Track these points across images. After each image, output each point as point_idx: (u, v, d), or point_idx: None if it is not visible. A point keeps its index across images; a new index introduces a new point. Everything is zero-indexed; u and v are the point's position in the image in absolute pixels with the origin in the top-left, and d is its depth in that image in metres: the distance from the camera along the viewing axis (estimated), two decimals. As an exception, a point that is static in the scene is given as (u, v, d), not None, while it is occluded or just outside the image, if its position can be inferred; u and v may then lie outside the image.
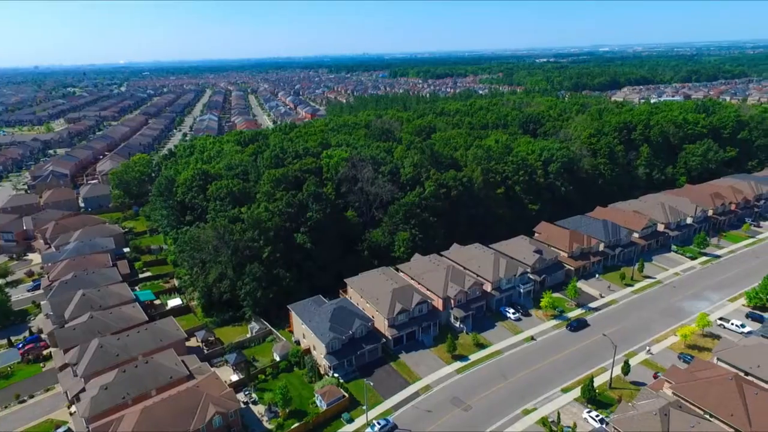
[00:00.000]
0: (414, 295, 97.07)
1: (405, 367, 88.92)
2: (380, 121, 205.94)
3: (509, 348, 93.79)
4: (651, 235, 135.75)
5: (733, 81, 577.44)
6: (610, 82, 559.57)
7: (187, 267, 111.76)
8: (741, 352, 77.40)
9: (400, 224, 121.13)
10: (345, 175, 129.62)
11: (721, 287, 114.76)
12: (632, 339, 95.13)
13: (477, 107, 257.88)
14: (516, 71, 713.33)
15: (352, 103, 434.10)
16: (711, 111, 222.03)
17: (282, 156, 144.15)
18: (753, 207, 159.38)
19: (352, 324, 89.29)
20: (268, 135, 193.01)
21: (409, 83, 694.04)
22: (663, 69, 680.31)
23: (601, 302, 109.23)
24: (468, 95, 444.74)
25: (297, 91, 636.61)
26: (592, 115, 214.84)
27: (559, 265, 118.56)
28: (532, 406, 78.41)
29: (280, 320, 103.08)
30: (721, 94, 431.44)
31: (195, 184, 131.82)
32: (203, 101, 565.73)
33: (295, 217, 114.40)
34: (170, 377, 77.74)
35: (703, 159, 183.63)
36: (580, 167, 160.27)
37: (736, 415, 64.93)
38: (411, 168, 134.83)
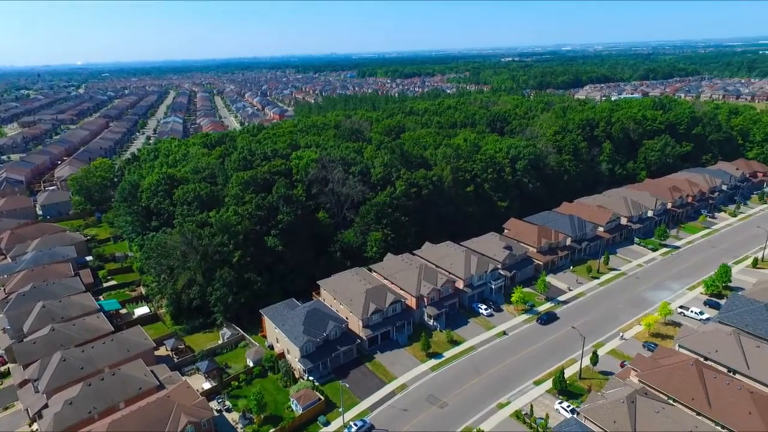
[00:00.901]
0: (387, 294, 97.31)
1: (380, 367, 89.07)
2: (349, 121, 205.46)
3: (482, 344, 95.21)
4: (615, 229, 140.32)
5: (687, 78, 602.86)
6: (572, 81, 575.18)
7: (154, 274, 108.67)
8: (700, 339, 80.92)
9: (372, 224, 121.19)
10: (315, 177, 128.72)
11: (680, 277, 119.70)
12: (600, 330, 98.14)
13: (445, 106, 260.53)
14: (482, 70, 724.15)
15: (320, 103, 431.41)
16: (667, 108, 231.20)
17: (250, 158, 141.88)
18: (708, 199, 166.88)
19: (326, 326, 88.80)
20: (235, 137, 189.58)
21: (378, 83, 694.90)
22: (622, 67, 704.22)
23: (570, 295, 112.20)
24: (436, 94, 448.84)
25: (264, 91, 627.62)
26: (556, 113, 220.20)
27: (529, 260, 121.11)
28: (506, 400, 79.87)
29: (252, 325, 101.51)
30: (677, 91, 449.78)
31: (160, 189, 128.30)
32: (167, 103, 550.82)
33: (266, 220, 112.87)
34: (139, 388, 75.45)
35: (661, 154, 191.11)
36: (546, 164, 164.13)
37: (697, 399, 67.89)
38: (381, 168, 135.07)
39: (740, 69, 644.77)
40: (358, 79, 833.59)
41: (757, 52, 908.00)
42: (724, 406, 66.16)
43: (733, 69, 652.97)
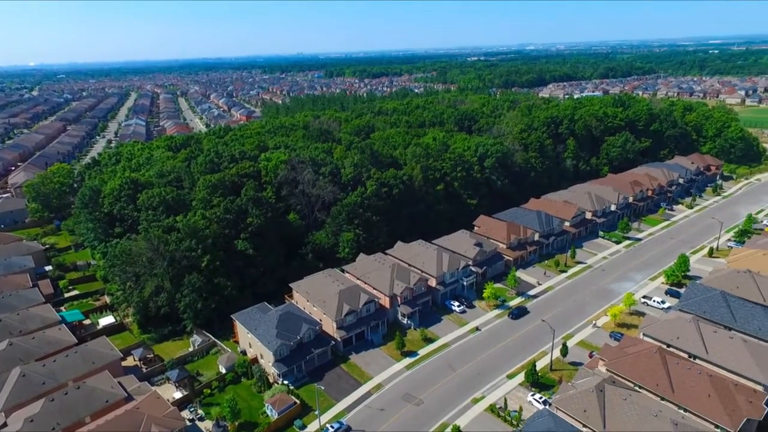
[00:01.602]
0: (361, 295, 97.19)
1: (356, 367, 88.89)
2: (318, 121, 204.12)
3: (456, 340, 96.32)
4: (580, 223, 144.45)
5: (644, 77, 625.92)
6: (537, 79, 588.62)
7: (119, 282, 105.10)
8: (663, 327, 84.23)
9: (344, 225, 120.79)
10: (285, 178, 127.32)
11: (643, 268, 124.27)
12: (569, 322, 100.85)
13: (414, 106, 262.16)
14: (449, 70, 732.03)
15: (288, 104, 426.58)
16: (627, 105, 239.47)
17: (217, 160, 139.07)
18: (667, 192, 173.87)
19: (299, 329, 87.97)
20: (201, 139, 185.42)
21: (346, 83, 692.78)
22: (583, 66, 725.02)
23: (539, 289, 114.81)
24: (404, 94, 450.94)
25: (230, 92, 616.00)
26: (522, 111, 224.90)
27: (499, 256, 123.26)
28: (481, 395, 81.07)
29: (224, 331, 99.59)
30: (635, 89, 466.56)
31: (123, 194, 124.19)
32: (128, 105, 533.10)
33: (235, 224, 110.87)
34: (106, 401, 72.82)
35: (622, 150, 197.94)
36: (513, 161, 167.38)
37: (661, 385, 70.68)
38: (352, 168, 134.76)
39: (692, 67, 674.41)
40: (325, 79, 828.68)
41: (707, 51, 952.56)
42: (685, 391, 69.12)
43: (686, 67, 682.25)
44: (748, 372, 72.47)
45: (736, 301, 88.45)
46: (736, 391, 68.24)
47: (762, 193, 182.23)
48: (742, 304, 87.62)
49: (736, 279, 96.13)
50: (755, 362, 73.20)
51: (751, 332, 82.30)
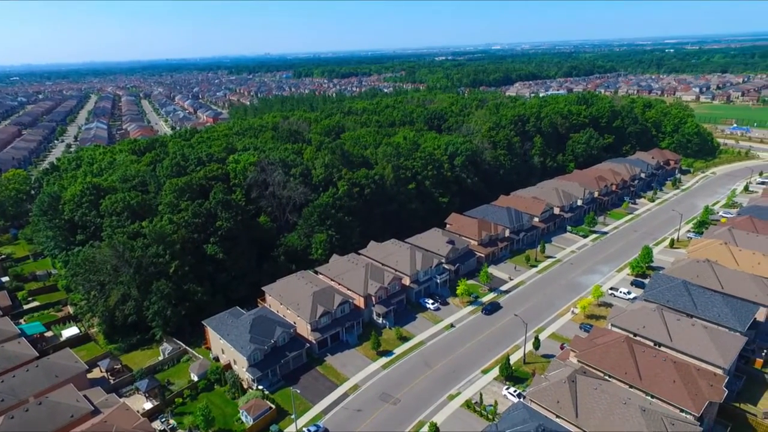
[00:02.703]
0: (335, 296, 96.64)
1: (332, 369, 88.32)
2: (287, 122, 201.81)
3: (431, 338, 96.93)
4: (549, 218, 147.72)
5: (605, 75, 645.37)
6: (503, 78, 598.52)
7: (82, 291, 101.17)
8: (629, 317, 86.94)
9: (316, 226, 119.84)
10: (254, 180, 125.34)
11: (609, 260, 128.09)
12: (540, 315, 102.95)
13: (383, 105, 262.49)
14: (418, 69, 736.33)
15: (256, 105, 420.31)
16: (590, 103, 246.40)
17: (184, 164, 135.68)
18: (629, 187, 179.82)
19: (273, 333, 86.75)
20: (166, 142, 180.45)
21: (315, 83, 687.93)
22: (548, 65, 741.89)
23: (511, 284, 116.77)
24: (374, 94, 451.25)
25: (196, 94, 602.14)
26: (490, 110, 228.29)
27: (471, 253, 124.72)
28: (456, 391, 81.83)
29: (195, 338, 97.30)
30: (597, 87, 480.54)
31: (85, 200, 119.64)
32: (88, 108, 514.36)
33: (204, 228, 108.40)
34: (71, 416, 69.91)
35: (586, 146, 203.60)
36: (483, 159, 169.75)
37: (629, 373, 72.92)
38: (322, 169, 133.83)
39: (650, 66, 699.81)
40: (294, 79, 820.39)
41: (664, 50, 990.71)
42: (652, 378, 71.54)
43: (644, 66, 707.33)
44: (709, 357, 75.62)
45: (697, 290, 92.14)
46: (698, 376, 71.06)
47: (717, 186, 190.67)
48: (702, 293, 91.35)
49: (696, 268, 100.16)
50: (715, 347, 76.44)
51: (711, 319, 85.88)
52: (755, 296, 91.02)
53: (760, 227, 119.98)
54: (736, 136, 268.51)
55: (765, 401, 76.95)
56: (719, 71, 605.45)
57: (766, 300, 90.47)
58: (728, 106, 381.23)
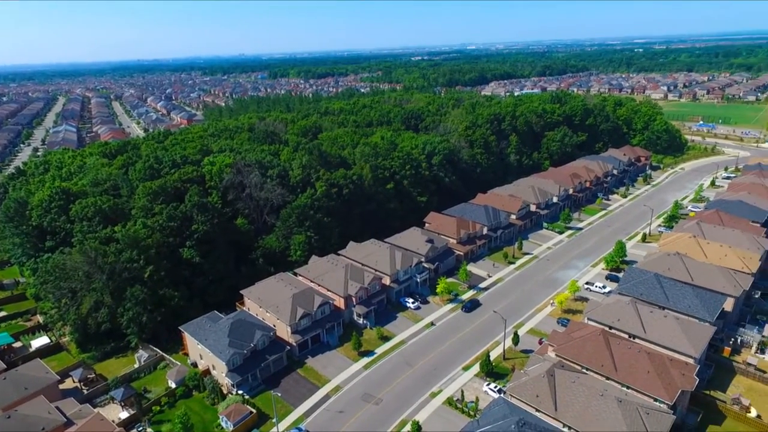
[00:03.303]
0: (315, 297, 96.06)
1: (313, 371, 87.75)
2: (264, 123, 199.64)
3: (412, 337, 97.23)
4: (526, 216, 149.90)
5: (578, 74, 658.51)
6: (479, 78, 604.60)
7: (53, 300, 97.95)
8: (605, 310, 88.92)
9: (294, 227, 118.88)
10: (231, 182, 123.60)
11: (585, 255, 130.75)
12: (519, 311, 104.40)
13: (360, 105, 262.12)
14: (394, 69, 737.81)
15: (231, 106, 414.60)
16: (563, 101, 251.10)
17: (157, 166, 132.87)
18: (603, 183, 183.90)
19: (252, 336, 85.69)
20: (139, 144, 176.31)
21: (291, 84, 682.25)
22: (522, 65, 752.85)
23: (490, 282, 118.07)
24: (350, 94, 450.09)
25: (169, 95, 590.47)
26: (466, 109, 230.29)
27: (450, 251, 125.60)
28: (438, 389, 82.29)
29: (172, 344, 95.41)
30: (570, 86, 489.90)
31: (54, 205, 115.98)
32: (56, 111, 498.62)
33: (179, 231, 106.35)
34: (42, 428, 67.64)
35: (561, 144, 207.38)
36: (460, 158, 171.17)
37: (606, 365, 74.59)
38: (300, 170, 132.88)
39: (620, 65, 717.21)
40: (269, 80, 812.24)
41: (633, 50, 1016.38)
42: (627, 369, 73.32)
43: (614, 65, 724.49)
44: (681, 347, 77.93)
45: (668, 282, 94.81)
46: (671, 366, 73.16)
47: (686, 181, 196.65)
48: (674, 285, 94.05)
49: (668, 262, 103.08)
50: (686, 338, 78.82)
51: (682, 310, 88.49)
52: (723, 287, 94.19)
53: (727, 221, 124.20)
54: (702, 132, 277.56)
55: (733, 388, 79.72)
56: (685, 70, 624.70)
57: (732, 291, 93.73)
58: (695, 104, 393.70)
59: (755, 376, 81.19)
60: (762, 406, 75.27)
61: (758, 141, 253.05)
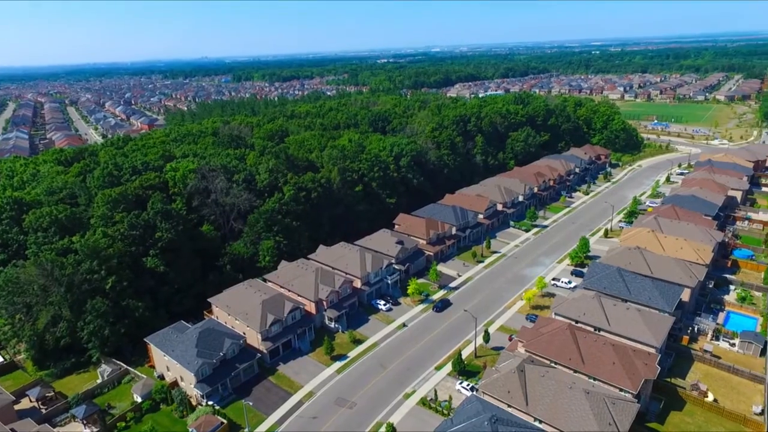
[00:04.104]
0: (285, 303, 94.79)
1: (285, 378, 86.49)
2: (228, 127, 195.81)
3: (384, 338, 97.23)
4: (493, 215, 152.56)
5: (539, 76, 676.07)
6: (444, 80, 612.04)
7: (5, 316, 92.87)
8: (571, 305, 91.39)
9: (262, 233, 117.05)
10: (195, 188, 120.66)
11: (551, 252, 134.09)
12: (489, 309, 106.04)
13: (327, 108, 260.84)
14: (360, 72, 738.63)
15: (194, 110, 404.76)
16: (526, 102, 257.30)
17: (117, 173, 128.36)
18: (566, 182, 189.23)
19: (222, 345, 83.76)
20: (97, 151, 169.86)
21: (255, 87, 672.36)
22: (486, 67, 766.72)
23: (460, 281, 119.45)
24: (317, 97, 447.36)
25: (128, 100, 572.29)
26: (432, 111, 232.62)
27: (420, 252, 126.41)
28: (412, 389, 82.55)
29: (137, 356, 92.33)
30: (532, 87, 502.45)
31: (5, 216, 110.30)
32: (6, 117, 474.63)
33: (142, 240, 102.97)
34: (-2, 452, 64.17)
35: (525, 144, 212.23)
36: (427, 159, 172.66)
37: (573, 358, 76.61)
38: (267, 174, 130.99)
39: (579, 67, 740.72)
40: (233, 83, 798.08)
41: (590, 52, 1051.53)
42: (594, 361, 75.54)
43: (574, 67, 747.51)
44: (643, 337, 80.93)
45: (630, 276, 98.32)
46: (634, 356, 75.83)
47: (643, 178, 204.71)
48: (635, 278, 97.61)
49: (628, 256, 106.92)
50: (648, 328, 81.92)
51: (643, 302, 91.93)
52: (680, 279, 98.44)
53: (682, 215, 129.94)
54: (657, 131, 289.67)
55: (692, 374, 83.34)
56: (640, 71, 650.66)
57: (689, 282, 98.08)
58: (649, 104, 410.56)
59: (711, 362, 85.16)
60: (718, 391, 78.99)
61: (708, 138, 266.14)
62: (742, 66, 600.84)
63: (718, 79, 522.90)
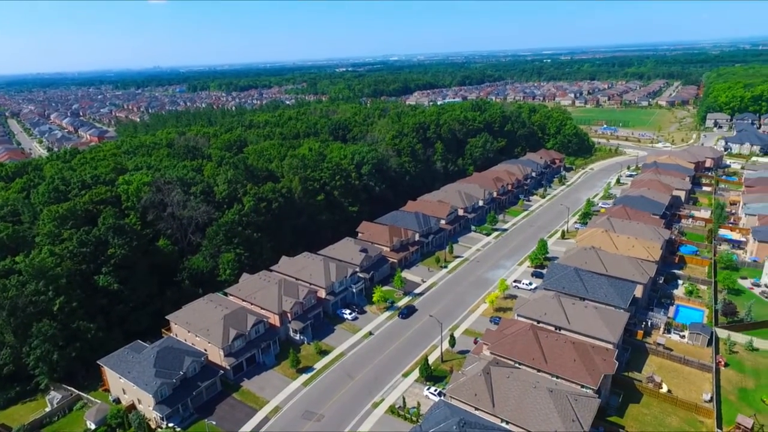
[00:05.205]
0: (248, 316, 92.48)
1: (249, 394, 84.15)
2: (184, 138, 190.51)
3: (351, 348, 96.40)
4: (454, 220, 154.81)
5: (495, 83, 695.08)
6: (402, 88, 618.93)
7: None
8: (532, 306, 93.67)
9: (222, 245, 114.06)
10: (150, 201, 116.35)
11: (511, 255, 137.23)
12: (453, 313, 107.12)
13: (286, 117, 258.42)
14: (319, 81, 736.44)
15: (147, 121, 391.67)
16: (483, 109, 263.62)
17: (64, 188, 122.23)
18: (523, 186, 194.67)
19: (181, 364, 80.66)
20: (41, 165, 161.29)
21: (212, 97, 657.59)
22: (443, 75, 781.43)
23: (424, 287, 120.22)
24: (276, 106, 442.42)
25: (76, 111, 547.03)
26: (392, 119, 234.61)
27: (384, 259, 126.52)
28: (380, 398, 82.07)
29: (90, 380, 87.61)
30: (488, 94, 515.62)
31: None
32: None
33: (94, 257, 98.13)
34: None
35: (483, 149, 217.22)
36: (388, 167, 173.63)
37: (536, 358, 78.39)
38: (225, 185, 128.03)
39: (532, 74, 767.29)
40: (189, 93, 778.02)
41: (542, 60, 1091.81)
42: (556, 360, 77.56)
43: (527, 74, 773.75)
44: (601, 334, 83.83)
45: (586, 275, 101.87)
46: (594, 353, 78.40)
47: (596, 180, 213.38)
48: (591, 277, 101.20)
49: (584, 256, 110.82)
50: (605, 325, 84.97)
51: (600, 300, 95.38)
52: (632, 275, 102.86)
53: (632, 215, 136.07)
54: (606, 135, 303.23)
55: (647, 367, 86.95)
56: (589, 79, 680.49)
57: (641, 278, 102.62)
58: (598, 110, 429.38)
59: (664, 355, 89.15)
60: (671, 381, 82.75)
61: (653, 141, 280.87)
62: (681, 73, 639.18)
63: (660, 86, 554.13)
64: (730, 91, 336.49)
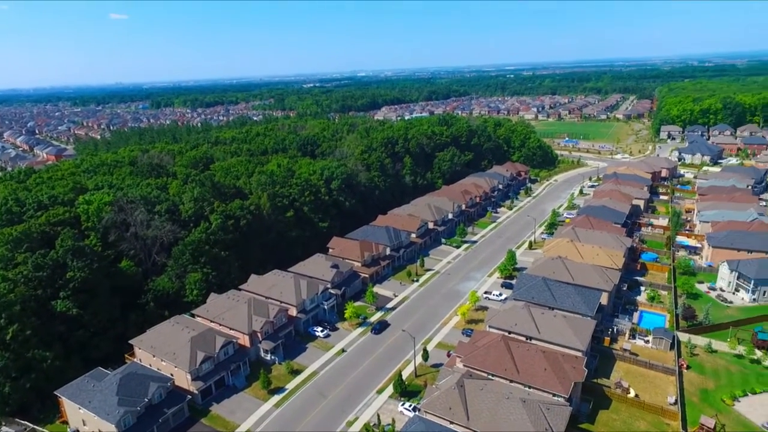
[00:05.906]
0: (216, 338, 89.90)
1: (219, 419, 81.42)
2: (148, 156, 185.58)
3: (323, 366, 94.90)
4: (425, 233, 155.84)
5: (460, 98, 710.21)
6: (370, 103, 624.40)
7: None
8: (503, 317, 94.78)
9: (189, 265, 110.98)
10: (112, 222, 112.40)
11: (481, 266, 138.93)
12: (426, 327, 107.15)
13: (254, 134, 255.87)
14: (287, 96, 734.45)
15: (109, 138, 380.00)
16: (450, 123, 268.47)
17: (18, 209, 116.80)
18: (491, 198, 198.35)
19: (146, 390, 77.45)
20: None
21: (176, 113, 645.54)
22: (410, 90, 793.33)
23: (396, 301, 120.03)
24: (243, 122, 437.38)
25: (31, 129, 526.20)
26: (361, 134, 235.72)
27: (356, 275, 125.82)
28: (354, 416, 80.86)
29: (46, 413, 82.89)
30: (455, 109, 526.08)
31: None
32: None
33: (51, 281, 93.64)
34: None
35: (451, 163, 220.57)
36: (358, 181, 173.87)
37: (508, 369, 79.12)
38: (192, 203, 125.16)
39: (496, 89, 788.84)
40: (152, 110, 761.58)
41: (506, 76, 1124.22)
42: (527, 370, 78.48)
43: (491, 89, 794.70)
44: (570, 342, 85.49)
45: (554, 284, 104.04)
46: (564, 361, 79.76)
47: (560, 191, 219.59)
48: (559, 286, 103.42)
49: (551, 265, 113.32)
50: (574, 333, 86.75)
51: (567, 308, 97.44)
52: (598, 284, 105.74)
53: (595, 224, 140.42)
54: (569, 147, 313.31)
55: (615, 373, 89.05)
56: (550, 93, 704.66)
57: (606, 286, 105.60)
58: (560, 123, 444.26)
59: (630, 360, 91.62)
60: (638, 386, 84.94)
61: (612, 153, 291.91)
62: (635, 88, 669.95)
63: (617, 100, 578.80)
64: (680, 104, 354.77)
